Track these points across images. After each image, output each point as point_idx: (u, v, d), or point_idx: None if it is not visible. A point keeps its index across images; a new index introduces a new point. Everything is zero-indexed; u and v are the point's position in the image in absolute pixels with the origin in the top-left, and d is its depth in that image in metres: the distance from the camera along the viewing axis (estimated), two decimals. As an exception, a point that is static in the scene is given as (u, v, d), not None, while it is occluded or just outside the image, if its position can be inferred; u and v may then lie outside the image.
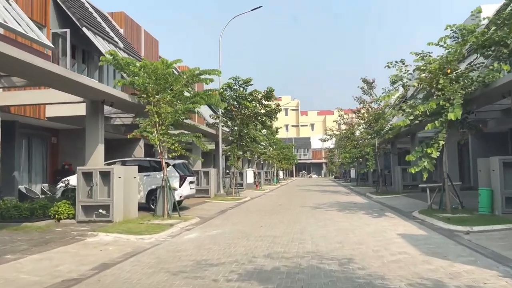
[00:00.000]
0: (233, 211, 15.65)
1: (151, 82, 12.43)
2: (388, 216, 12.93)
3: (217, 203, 19.17)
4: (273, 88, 22.28)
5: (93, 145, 11.91)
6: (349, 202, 18.90)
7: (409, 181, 23.74)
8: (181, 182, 14.59)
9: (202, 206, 17.42)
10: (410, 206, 15.95)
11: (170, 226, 11.13)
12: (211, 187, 21.54)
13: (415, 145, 24.88)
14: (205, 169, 22.07)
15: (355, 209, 15.26)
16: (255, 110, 22.80)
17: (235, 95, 22.36)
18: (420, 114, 12.21)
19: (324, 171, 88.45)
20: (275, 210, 15.22)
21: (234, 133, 22.93)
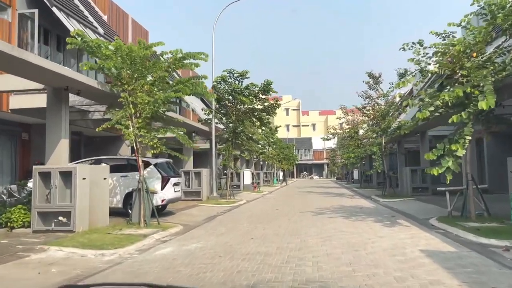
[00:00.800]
0: (223, 217, 13.79)
1: (125, 67, 10.59)
2: (402, 225, 11.04)
3: (208, 207, 17.32)
4: (271, 81, 20.41)
5: (55, 140, 10.07)
6: (354, 206, 17.02)
7: (418, 183, 21.87)
8: (164, 184, 12.74)
9: (190, 210, 15.57)
10: (425, 212, 14.07)
11: (143, 237, 9.28)
12: (203, 189, 19.68)
13: (425, 145, 23.06)
14: (196, 170, 20.22)
15: (362, 215, 13.38)
16: (252, 106, 20.94)
17: (229, 89, 20.52)
18: (441, 105, 10.33)
19: (325, 172, 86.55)
20: (271, 217, 13.36)
21: (229, 130, 21.07)
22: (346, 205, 17.72)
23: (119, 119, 10.78)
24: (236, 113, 20.89)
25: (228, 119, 21.01)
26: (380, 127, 22.44)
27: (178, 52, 10.90)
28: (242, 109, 21.26)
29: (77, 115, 15.59)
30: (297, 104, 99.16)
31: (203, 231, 10.57)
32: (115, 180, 12.74)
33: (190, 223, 12.21)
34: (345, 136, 36.06)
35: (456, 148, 9.31)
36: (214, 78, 20.52)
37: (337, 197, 23.67)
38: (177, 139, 12.23)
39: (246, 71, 20.23)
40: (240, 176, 30.11)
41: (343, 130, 35.51)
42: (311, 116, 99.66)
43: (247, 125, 20.70)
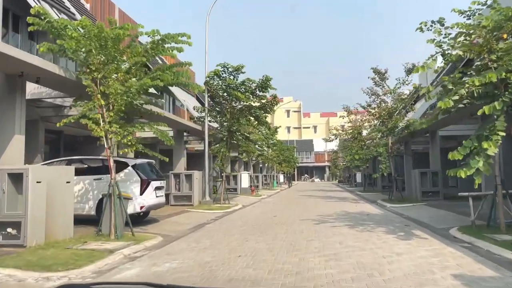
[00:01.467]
0: (213, 225, 12.14)
1: (94, 50, 8.97)
2: (419, 237, 9.39)
3: (199, 213, 15.69)
4: (270, 77, 18.80)
5: (6, 136, 8.45)
6: (360, 212, 15.37)
7: (428, 187, 20.20)
8: (143, 188, 11.09)
9: (177, 217, 13.94)
10: (441, 220, 12.42)
11: (108, 253, 7.65)
12: (194, 193, 18.04)
13: (435, 145, 21.39)
14: (187, 172, 18.59)
15: (370, 224, 11.72)
16: (248, 103, 19.33)
17: (224, 84, 18.91)
18: (466, 94, 8.70)
19: (327, 175, 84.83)
20: (266, 226, 11.70)
21: (223, 128, 19.45)
22: (350, 211, 16.06)
23: (86, 112, 9.18)
24: (231, 111, 19.28)
25: (223, 117, 19.39)
26: (387, 126, 20.80)
27: (155, 34, 9.27)
28: (237, 107, 19.67)
29: (51, 111, 14.02)
30: (298, 105, 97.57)
31: (184, 244, 8.93)
32: (87, 183, 11.11)
33: (173, 233, 10.57)
34: (348, 137, 34.53)
35: (488, 146, 7.67)
36: (207, 73, 18.93)
37: (340, 201, 22.01)
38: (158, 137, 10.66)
39: (241, 65, 18.63)
40: (237, 179, 28.50)
41: (345, 131, 33.92)
42: (312, 118, 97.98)
43: (243, 124, 19.07)
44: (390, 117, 21.07)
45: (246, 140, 20.72)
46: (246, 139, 20.63)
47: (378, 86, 22.00)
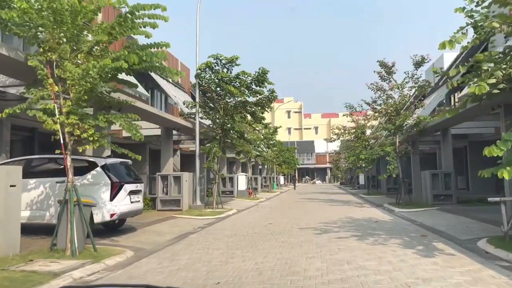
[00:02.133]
0: (198, 236, 10.45)
1: (47, 24, 7.30)
2: (444, 252, 7.70)
3: (186, 220, 14.03)
4: (266, 69, 17.14)
5: None
6: (367, 219, 13.69)
7: (440, 189, 18.49)
8: (114, 192, 9.42)
9: (159, 226, 12.28)
10: (463, 229, 10.72)
11: (52, 276, 5.99)
12: (183, 197, 16.39)
13: (447, 144, 19.69)
14: (176, 173, 16.93)
15: (381, 234, 10.03)
16: (243, 98, 17.66)
17: (216, 78, 17.26)
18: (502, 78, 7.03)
19: (328, 177, 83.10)
20: (259, 236, 10.02)
21: (216, 125, 17.78)
22: (356, 216, 14.38)
23: (36, 101, 7.53)
24: (224, 107, 17.62)
25: (216, 113, 17.73)
26: (394, 123, 19.10)
27: (121, 4, 7.59)
28: (231, 103, 18.01)
29: (17, 104, 12.36)
30: (299, 106, 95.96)
31: (154, 262, 7.25)
32: (48, 187, 9.44)
33: (148, 245, 8.90)
34: (351, 137, 32.86)
35: (537, 139, 5.99)
36: (198, 66, 17.27)
37: (344, 205, 20.31)
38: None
39: (236, 56, 16.97)
40: (234, 181, 26.83)
41: (348, 130, 32.24)
42: (313, 119, 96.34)
43: (238, 121, 17.39)
44: (398, 113, 19.38)
45: (241, 139, 19.03)
46: (241, 137, 18.94)
47: (384, 81, 20.31)
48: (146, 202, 16.74)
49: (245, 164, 34.26)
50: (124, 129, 7.91)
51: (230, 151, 30.57)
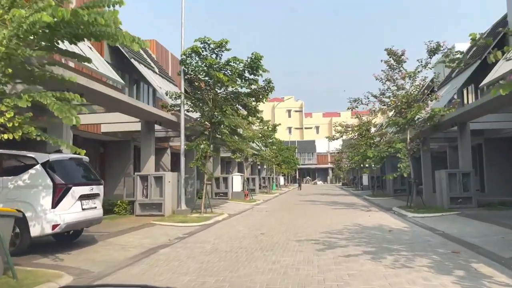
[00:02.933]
0: (168, 251, 8.32)
1: None
2: (494, 281, 5.58)
3: (165, 228, 11.94)
4: (260, 55, 15.02)
5: None
6: (378, 226, 11.57)
7: (458, 192, 16.33)
8: (57, 198, 7.30)
9: (129, 236, 10.19)
10: (499, 242, 8.61)
11: None
12: (165, 201, 14.28)
13: (465, 141, 17.51)
14: (157, 173, 14.82)
15: (401, 249, 7.90)
16: (235, 88, 15.55)
17: (204, 64, 15.16)
18: None
19: (330, 177, 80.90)
20: (245, 253, 7.89)
21: (204, 119, 15.65)
22: (364, 223, 12.25)
23: None
24: (213, 98, 15.51)
25: (203, 105, 15.60)
26: (405, 117, 16.98)
27: None
28: (222, 93, 15.91)
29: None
30: (300, 105, 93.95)
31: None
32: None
33: (99, 267, 6.79)
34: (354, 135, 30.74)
35: None
36: (183, 50, 15.15)
37: (348, 209, 18.18)
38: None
39: (225, 40, 14.85)
40: (228, 182, 24.71)
41: (351, 127, 30.12)
42: (314, 118, 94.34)
43: (229, 114, 15.27)
44: (409, 106, 17.26)
45: (234, 135, 16.90)
46: (234, 133, 16.81)
47: (393, 71, 18.16)
48: (123, 206, 14.68)
49: (242, 164, 32.17)
50: (54, 110, 5.75)
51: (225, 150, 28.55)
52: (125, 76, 20.31)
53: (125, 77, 20.29)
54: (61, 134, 9.88)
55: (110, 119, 15.66)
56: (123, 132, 18.81)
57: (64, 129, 9.98)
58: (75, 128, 16.25)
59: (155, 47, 24.07)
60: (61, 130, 9.86)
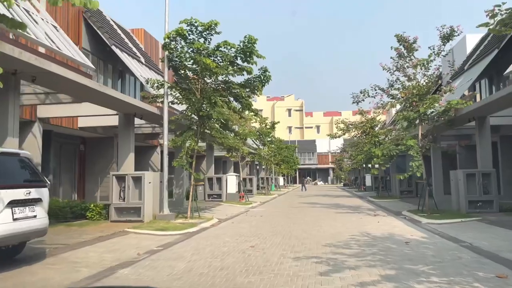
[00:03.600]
0: (127, 273, 6.47)
1: None
2: None
3: (139, 237, 10.13)
4: (254, 38, 13.18)
5: None
6: (390, 236, 9.74)
7: (478, 194, 14.50)
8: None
9: (89, 249, 8.37)
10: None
11: None
12: (145, 205, 12.46)
13: (485, 137, 15.64)
14: (135, 173, 12.97)
15: (429, 272, 6.07)
16: (225, 76, 13.72)
17: (191, 49, 13.35)
18: None
19: (331, 178, 79.05)
20: (223, 279, 6.03)
21: (190, 111, 13.80)
22: (374, 232, 10.42)
23: None
24: (201, 88, 13.68)
25: (190, 96, 13.76)
26: (417, 111, 15.15)
27: None
28: (211, 83, 14.08)
29: None
30: (300, 104, 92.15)
31: None
32: None
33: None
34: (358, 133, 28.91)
35: None
36: (166, 33, 13.32)
37: (353, 213, 16.34)
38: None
39: (214, 21, 13.02)
40: (222, 183, 22.87)
41: (354, 125, 28.28)
42: (315, 118, 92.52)
43: (219, 106, 13.44)
44: (421, 99, 15.43)
45: (226, 130, 15.07)
46: (225, 128, 14.97)
47: (403, 58, 16.30)
48: (97, 211, 12.85)
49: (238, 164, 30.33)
50: None
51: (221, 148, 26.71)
52: (107, 66, 18.52)
53: (107, 67, 18.50)
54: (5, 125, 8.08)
55: (85, 111, 13.86)
56: (104, 128, 17.01)
57: (10, 119, 8.17)
58: (47, 122, 14.47)
59: (143, 36, 22.24)
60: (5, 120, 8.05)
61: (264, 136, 31.02)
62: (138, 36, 22.38)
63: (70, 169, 18.07)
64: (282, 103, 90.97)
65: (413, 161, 14.10)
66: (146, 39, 22.61)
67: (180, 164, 13.17)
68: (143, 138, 19.97)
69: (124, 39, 19.03)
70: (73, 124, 15.70)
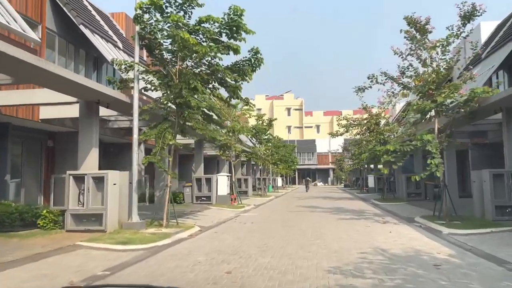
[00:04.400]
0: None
1: None
2: None
3: (90, 254, 7.95)
4: (241, 8, 10.95)
5: None
6: (414, 255, 7.52)
7: (507, 199, 12.26)
8: None
9: (12, 272, 6.18)
10: None
11: None
12: (108, 211, 10.23)
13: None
14: (97, 173, 10.70)
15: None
16: (208, 57, 11.46)
17: (167, 25, 11.12)
18: None
19: (331, 178, 76.75)
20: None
21: (165, 99, 11.55)
22: (390, 248, 8.19)
23: None
24: (179, 71, 11.45)
25: (164, 79, 11.53)
26: (435, 101, 12.96)
27: None
28: (191, 66, 11.86)
29: None
30: (300, 103, 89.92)
31: None
32: None
33: None
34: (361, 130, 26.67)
35: None
36: (138, 3, 11.06)
37: (359, 219, 14.12)
38: None
39: (196, -10, 10.79)
40: (212, 184, 20.64)
41: (358, 121, 26.06)
42: (315, 117, 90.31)
43: (200, 92, 11.22)
44: (438, 87, 13.24)
45: (208, 122, 12.83)
46: (208, 119, 12.72)
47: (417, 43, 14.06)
48: (51, 218, 10.61)
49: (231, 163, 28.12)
50: None
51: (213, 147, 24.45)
52: (79, 52, 16.26)
53: (78, 53, 16.24)
54: None
55: (41, 99, 11.64)
56: (73, 120, 14.74)
57: None
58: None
59: (124, 21, 20.03)
60: None
61: (260, 133, 28.81)
62: (118, 21, 20.17)
63: (35, 168, 15.83)
64: (281, 102, 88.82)
65: (432, 158, 11.85)
66: (128, 24, 20.40)
67: (153, 162, 10.94)
68: (122, 133, 17.76)
69: (99, 21, 16.80)
70: (33, 115, 13.48)
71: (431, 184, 24.43)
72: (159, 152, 11.02)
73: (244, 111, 21.59)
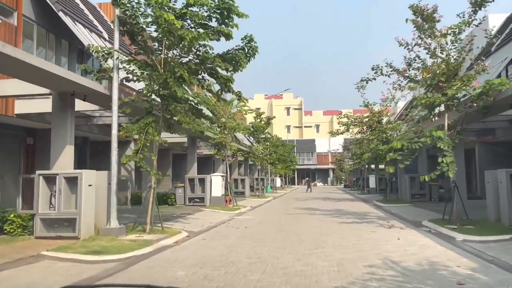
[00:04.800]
0: None
1: None
2: None
3: (53, 266, 6.90)
4: (233, -8, 9.83)
5: None
6: (430, 269, 6.41)
7: (525, 201, 11.14)
8: None
9: None
10: None
11: None
12: (81, 216, 9.10)
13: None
14: (69, 172, 9.57)
15: None
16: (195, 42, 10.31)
17: (150, 6, 9.99)
18: None
19: (330, 179, 75.65)
20: None
21: (147, 90, 10.41)
22: (400, 260, 7.07)
23: None
24: (165, 60, 10.33)
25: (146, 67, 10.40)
26: (445, 94, 11.85)
27: None
28: (179, 55, 10.73)
29: None
30: (299, 103, 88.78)
31: None
32: None
33: None
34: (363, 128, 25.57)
35: None
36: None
37: (362, 223, 12.99)
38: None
39: (182, -31, 9.66)
40: (206, 185, 19.49)
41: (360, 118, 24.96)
42: (314, 116, 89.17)
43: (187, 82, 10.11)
44: (449, 80, 12.14)
45: (197, 116, 11.69)
46: (197, 114, 11.57)
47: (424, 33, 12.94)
48: (20, 223, 9.48)
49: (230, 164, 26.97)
50: None
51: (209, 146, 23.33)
52: (60, 42, 15.12)
53: (60, 43, 15.10)
54: None
55: (11, 90, 10.51)
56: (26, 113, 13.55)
57: None
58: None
59: (111, 11, 18.86)
60: None
61: (258, 132, 27.68)
62: (106, 12, 19.04)
63: (13, 168, 14.68)
64: (280, 101, 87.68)
65: (444, 156, 10.72)
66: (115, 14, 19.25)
67: (135, 161, 9.81)
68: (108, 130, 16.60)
69: (83, 10, 15.67)
70: (6, 109, 12.34)
71: (436, 185, 23.39)
72: (141, 149, 9.89)
73: (240, 107, 20.45)
